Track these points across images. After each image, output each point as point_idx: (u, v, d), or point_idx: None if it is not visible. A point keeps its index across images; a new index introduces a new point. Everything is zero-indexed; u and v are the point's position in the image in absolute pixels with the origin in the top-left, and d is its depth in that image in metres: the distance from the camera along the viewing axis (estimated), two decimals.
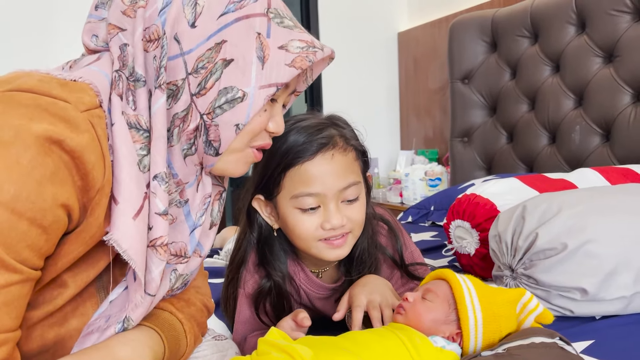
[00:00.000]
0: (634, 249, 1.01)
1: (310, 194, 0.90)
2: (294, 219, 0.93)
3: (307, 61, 0.70)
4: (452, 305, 0.82)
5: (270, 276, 1.00)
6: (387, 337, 0.76)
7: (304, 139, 0.90)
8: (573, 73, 2.06)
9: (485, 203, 1.30)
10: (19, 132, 0.56)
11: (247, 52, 0.68)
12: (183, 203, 0.74)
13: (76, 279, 0.66)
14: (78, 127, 0.59)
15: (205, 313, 0.89)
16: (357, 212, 0.95)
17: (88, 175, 0.60)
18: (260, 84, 0.68)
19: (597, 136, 1.99)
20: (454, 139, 2.56)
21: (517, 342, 0.76)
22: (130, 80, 0.67)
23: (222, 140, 0.70)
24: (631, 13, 1.88)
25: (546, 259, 1.03)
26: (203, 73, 0.67)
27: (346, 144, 0.94)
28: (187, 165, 0.72)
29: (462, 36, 2.47)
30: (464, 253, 1.34)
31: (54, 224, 0.58)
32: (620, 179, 1.47)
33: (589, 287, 1.00)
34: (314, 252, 0.95)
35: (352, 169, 0.94)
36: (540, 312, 0.83)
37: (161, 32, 0.66)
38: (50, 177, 0.57)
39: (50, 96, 0.59)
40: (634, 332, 0.96)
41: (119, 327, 0.68)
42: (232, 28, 0.68)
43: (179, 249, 0.75)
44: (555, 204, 1.08)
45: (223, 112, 0.68)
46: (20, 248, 0.56)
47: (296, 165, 0.90)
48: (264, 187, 0.95)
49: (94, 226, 0.63)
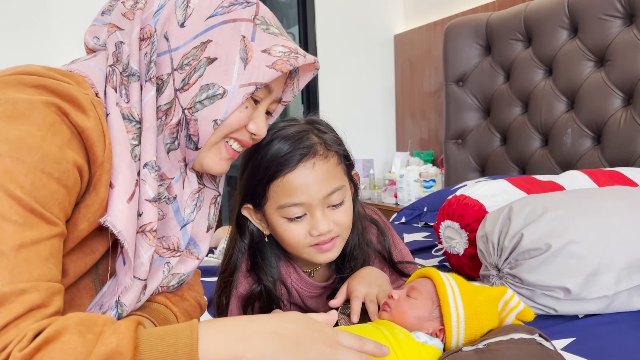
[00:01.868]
0: (616, 250, 1.03)
1: (295, 203, 0.92)
2: (282, 228, 0.95)
3: (288, 65, 0.73)
4: (436, 303, 0.84)
5: (261, 281, 1.02)
6: (372, 333, 0.78)
7: (285, 150, 0.91)
8: (565, 77, 2.09)
9: (474, 204, 1.33)
10: (33, 104, 0.60)
11: (231, 52, 0.71)
12: (172, 199, 0.77)
13: (75, 266, 0.68)
14: (81, 104, 0.64)
15: (198, 309, 0.91)
16: (343, 215, 0.97)
17: (92, 147, 0.65)
18: (241, 83, 0.71)
19: (588, 139, 2.02)
20: (448, 141, 2.58)
21: (497, 338, 0.78)
22: (123, 75, 0.71)
23: (200, 135, 0.73)
24: (622, 18, 1.90)
25: (531, 259, 1.06)
26: (187, 69, 0.71)
27: (327, 150, 0.95)
28: (171, 160, 0.75)
29: (456, 39, 2.50)
30: (453, 253, 1.37)
31: (75, 185, 0.62)
32: (608, 182, 1.49)
33: (572, 287, 1.02)
34: (305, 257, 0.98)
35: (334, 174, 0.95)
36: (521, 310, 0.86)
37: (153, 31, 0.71)
38: (68, 143, 0.61)
39: (54, 79, 0.64)
40: (614, 331, 0.98)
41: (113, 313, 0.70)
42: (219, 29, 0.71)
43: (171, 243, 0.78)
44: (540, 205, 1.10)
45: (203, 107, 0.71)
46: (52, 205, 0.60)
47: (279, 177, 0.91)
48: (250, 198, 0.97)
49: (97, 202, 0.66)
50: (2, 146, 0.57)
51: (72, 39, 2.60)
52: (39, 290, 0.56)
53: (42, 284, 0.56)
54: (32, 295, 0.55)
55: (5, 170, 0.56)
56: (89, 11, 2.79)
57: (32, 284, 0.55)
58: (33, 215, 0.57)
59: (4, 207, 0.56)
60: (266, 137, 0.91)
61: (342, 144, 1.00)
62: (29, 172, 0.57)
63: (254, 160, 0.94)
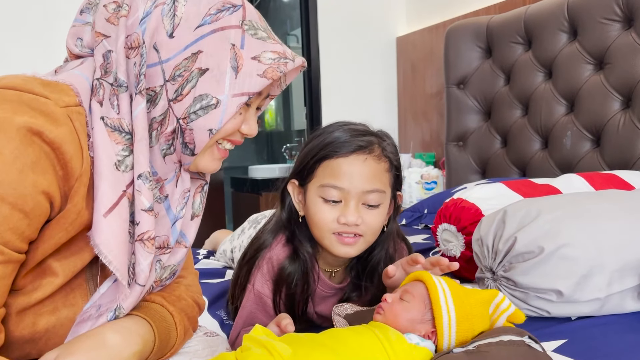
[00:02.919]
0: (608, 252, 1.05)
1: (336, 186, 0.98)
2: (316, 206, 1.01)
3: (278, 72, 0.75)
4: (428, 305, 0.86)
5: (298, 253, 1.06)
6: (364, 334, 0.80)
7: (346, 138, 0.99)
8: (565, 79, 2.10)
9: (471, 207, 1.35)
10: (3, 124, 0.61)
11: (222, 61, 0.72)
12: (163, 199, 0.79)
13: (64, 268, 0.71)
14: (57, 120, 0.64)
15: (196, 309, 0.93)
16: (373, 218, 1.01)
17: (67, 164, 0.65)
18: (234, 93, 0.73)
19: (588, 141, 2.03)
20: (449, 142, 2.60)
21: (487, 340, 0.80)
22: (114, 86, 0.72)
23: (196, 143, 0.75)
24: (621, 22, 1.91)
25: (524, 262, 1.08)
26: (180, 80, 0.72)
27: (382, 154, 1.01)
28: (167, 164, 0.78)
29: (457, 42, 2.51)
30: (450, 256, 1.38)
31: (35, 209, 0.63)
32: (605, 185, 1.50)
33: (565, 289, 1.04)
34: (326, 244, 1.02)
35: (380, 177, 1.00)
36: (512, 312, 0.88)
37: (141, 41, 0.71)
38: (31, 166, 0.62)
39: (32, 93, 0.65)
40: (606, 332, 1.00)
41: (111, 315, 0.73)
42: (208, 39, 0.72)
43: (162, 242, 0.80)
44: (534, 209, 1.12)
45: (197, 117, 0.73)
46: (3, 230, 0.61)
47: (331, 158, 0.99)
48: (299, 172, 1.04)
49: (73, 213, 0.67)
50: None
51: None
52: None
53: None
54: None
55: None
56: None
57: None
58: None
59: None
60: (335, 125, 1.03)
61: (398, 156, 1.05)
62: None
63: (316, 139, 1.02)
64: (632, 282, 1.07)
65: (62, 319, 0.72)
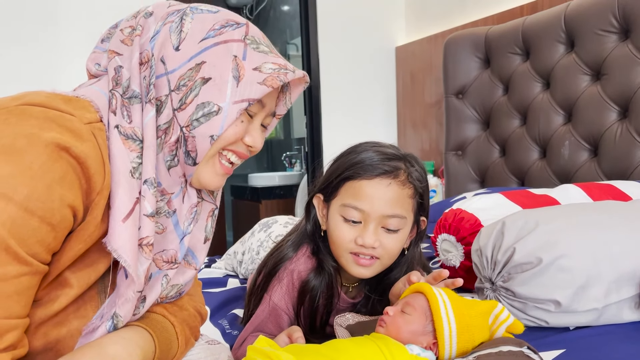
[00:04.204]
0: (605, 263, 1.07)
1: (357, 208, 1.00)
2: (336, 224, 1.03)
3: (278, 80, 0.77)
4: (429, 317, 0.87)
5: (323, 266, 1.07)
6: (366, 345, 0.81)
7: (373, 161, 1.00)
8: (562, 90, 2.12)
9: (470, 218, 1.36)
10: (32, 140, 0.63)
11: (224, 72, 0.76)
12: (171, 213, 0.80)
13: (79, 279, 0.72)
14: (81, 136, 0.67)
15: (198, 318, 0.95)
16: (392, 242, 1.02)
17: (91, 179, 0.68)
18: (234, 100, 0.75)
19: (586, 151, 2.05)
20: (448, 152, 2.62)
21: (487, 351, 0.82)
22: (124, 97, 0.75)
23: (198, 151, 0.77)
24: (617, 33, 1.94)
25: (523, 273, 1.09)
26: (184, 90, 0.75)
27: (407, 180, 1.02)
28: (171, 176, 0.79)
29: (456, 52, 2.54)
30: (449, 265, 1.40)
31: (61, 222, 0.65)
32: (603, 196, 1.52)
33: (562, 300, 1.06)
34: (342, 262, 1.04)
35: (402, 203, 1.01)
36: (511, 323, 0.89)
37: (150, 55, 0.75)
38: (59, 181, 0.64)
39: (57, 110, 0.67)
40: (603, 342, 1.02)
41: (109, 324, 0.74)
42: (212, 51, 0.76)
43: (170, 257, 0.81)
44: (532, 220, 1.14)
45: (200, 124, 0.75)
46: (31, 243, 0.63)
47: (356, 179, 1.00)
48: (324, 188, 1.06)
49: (92, 225, 0.70)
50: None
51: (80, 53, 2.66)
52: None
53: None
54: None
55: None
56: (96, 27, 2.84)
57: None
58: (6, 254, 0.61)
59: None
60: (365, 145, 1.03)
61: (426, 183, 1.06)
62: (12, 209, 0.61)
63: (344, 158, 1.04)
64: (629, 293, 1.08)
65: (73, 330, 0.74)
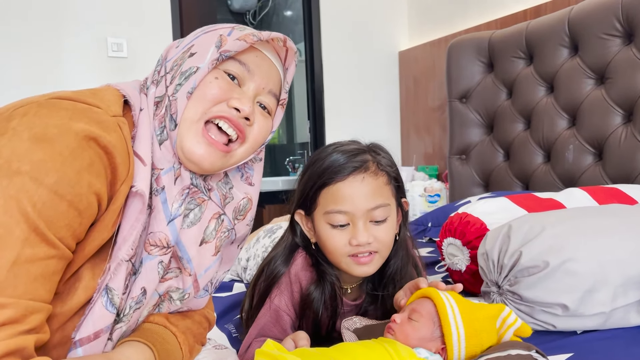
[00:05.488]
0: (611, 267, 1.07)
1: (341, 211, 0.99)
2: (326, 234, 1.02)
3: (253, 37, 0.81)
4: (437, 323, 0.87)
5: (324, 278, 1.06)
6: (374, 348, 0.82)
7: (340, 162, 1.00)
8: (566, 94, 2.13)
9: (475, 222, 1.36)
10: (62, 130, 0.65)
11: (209, 45, 0.81)
12: (159, 190, 0.78)
13: (95, 274, 0.72)
14: (108, 127, 0.70)
15: (205, 324, 0.94)
16: (384, 232, 1.02)
17: (116, 169, 0.70)
18: (212, 59, 0.80)
19: (590, 155, 2.05)
20: (452, 156, 2.62)
21: (495, 354, 0.81)
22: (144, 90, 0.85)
23: (178, 110, 0.79)
24: (621, 37, 1.94)
25: (529, 276, 1.09)
26: (175, 69, 0.81)
27: (378, 169, 1.02)
28: (162, 150, 0.79)
29: (459, 57, 2.55)
30: (455, 270, 1.40)
31: (87, 209, 0.67)
32: (608, 199, 1.52)
33: (569, 303, 1.06)
34: (343, 267, 1.04)
35: (381, 192, 1.01)
36: (519, 326, 0.89)
37: (162, 59, 0.85)
38: (87, 168, 0.66)
39: (85, 103, 0.70)
40: (611, 346, 1.01)
41: (105, 299, 0.72)
42: (201, 37, 0.83)
43: (158, 240, 0.77)
44: (538, 224, 1.14)
45: (181, 87, 0.79)
46: (59, 226, 0.64)
47: (330, 185, 1.00)
48: (303, 202, 1.05)
49: (115, 214, 0.71)
50: (25, 166, 0.63)
51: (84, 55, 2.68)
52: (17, 307, 0.60)
53: (22, 301, 0.60)
54: (9, 310, 0.59)
55: (23, 188, 0.62)
56: (100, 30, 2.85)
57: (13, 300, 0.60)
58: (35, 235, 0.62)
59: (12, 222, 0.61)
60: (327, 149, 1.03)
61: (395, 167, 1.06)
62: (43, 192, 0.62)
63: (312, 168, 1.04)
64: (636, 297, 1.08)
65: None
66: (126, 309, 0.77)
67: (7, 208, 0.61)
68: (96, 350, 0.74)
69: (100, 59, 2.72)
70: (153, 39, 2.79)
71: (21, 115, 0.66)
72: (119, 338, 0.78)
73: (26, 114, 0.66)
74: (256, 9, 5.04)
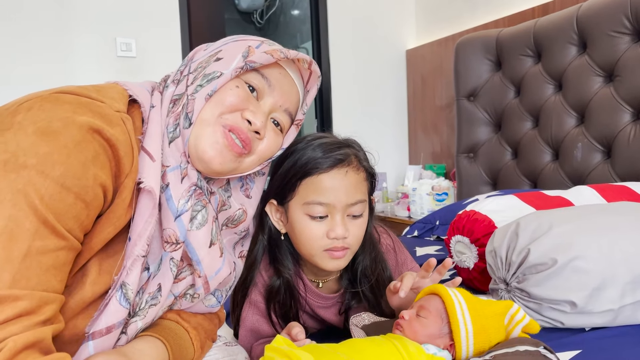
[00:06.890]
0: (619, 265, 1.06)
1: (321, 202, 0.99)
2: (303, 224, 1.01)
3: (280, 53, 0.83)
4: (445, 319, 0.88)
5: (280, 273, 1.07)
6: (383, 344, 0.82)
7: (323, 153, 1.00)
8: (575, 92, 2.12)
9: (484, 219, 1.36)
10: (66, 123, 0.67)
11: (235, 53, 0.83)
12: (164, 187, 0.79)
13: (103, 269, 0.73)
14: (112, 121, 0.71)
15: (215, 321, 0.95)
16: (358, 228, 1.02)
17: (120, 161, 0.71)
18: (236, 67, 0.82)
19: (599, 153, 2.04)
20: (460, 154, 2.62)
21: (503, 350, 0.82)
22: (162, 87, 0.87)
23: (194, 110, 0.80)
24: (630, 34, 1.94)
25: (537, 274, 1.09)
26: (199, 70, 0.82)
27: (359, 165, 1.02)
28: (170, 148, 0.80)
29: (467, 55, 2.54)
30: (463, 267, 1.40)
31: (94, 200, 0.68)
32: (617, 197, 1.52)
33: (578, 301, 1.06)
34: (316, 260, 1.03)
35: (360, 187, 1.02)
36: (527, 323, 0.89)
37: (189, 59, 0.88)
38: (92, 160, 0.67)
39: (89, 97, 0.72)
40: (619, 343, 1.01)
41: (119, 294, 0.74)
42: (230, 44, 0.85)
43: (168, 236, 0.79)
44: (546, 221, 1.14)
45: (201, 88, 0.81)
46: (68, 218, 0.65)
47: (313, 175, 0.99)
48: (279, 192, 1.03)
49: (121, 207, 0.72)
50: (32, 159, 0.64)
51: (94, 58, 2.70)
52: (31, 299, 0.61)
53: (36, 293, 0.62)
54: (23, 302, 0.60)
55: (30, 182, 0.63)
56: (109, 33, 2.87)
57: (27, 292, 0.61)
58: (45, 227, 0.63)
59: (22, 215, 0.62)
60: (302, 143, 1.01)
61: (370, 163, 1.07)
62: (50, 185, 0.64)
63: (290, 157, 1.02)
64: None
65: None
66: (142, 303, 0.78)
67: (15, 201, 0.62)
68: (108, 344, 0.75)
69: (109, 59, 2.74)
70: (162, 38, 2.81)
71: (26, 110, 0.67)
72: (134, 333, 0.79)
73: (31, 109, 0.67)
74: (263, 8, 5.05)
